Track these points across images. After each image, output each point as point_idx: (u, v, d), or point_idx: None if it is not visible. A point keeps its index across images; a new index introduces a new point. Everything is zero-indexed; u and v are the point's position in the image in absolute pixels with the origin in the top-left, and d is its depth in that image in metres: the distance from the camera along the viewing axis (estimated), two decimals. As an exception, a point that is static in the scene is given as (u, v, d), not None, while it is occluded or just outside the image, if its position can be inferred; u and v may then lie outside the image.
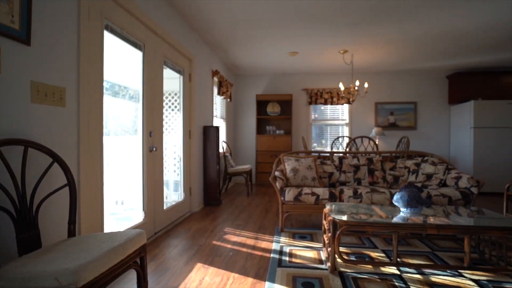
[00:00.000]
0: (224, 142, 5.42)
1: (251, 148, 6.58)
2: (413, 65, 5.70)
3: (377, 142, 6.16)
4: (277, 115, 6.28)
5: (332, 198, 2.95)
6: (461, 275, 2.09)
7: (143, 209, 2.69)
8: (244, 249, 2.61)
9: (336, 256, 2.05)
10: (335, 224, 2.08)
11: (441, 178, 3.19)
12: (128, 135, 2.88)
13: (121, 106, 2.79)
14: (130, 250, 1.33)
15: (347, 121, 6.37)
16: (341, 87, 4.85)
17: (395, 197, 2.25)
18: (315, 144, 6.52)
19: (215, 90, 5.07)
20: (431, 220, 2.02)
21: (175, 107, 3.80)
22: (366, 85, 4.79)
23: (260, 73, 6.45)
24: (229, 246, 2.69)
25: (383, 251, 2.53)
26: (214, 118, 5.08)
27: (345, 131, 6.39)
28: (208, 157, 4.37)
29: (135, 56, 2.69)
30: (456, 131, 5.96)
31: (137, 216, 2.69)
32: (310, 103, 6.29)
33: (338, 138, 5.46)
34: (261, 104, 6.47)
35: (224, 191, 5.46)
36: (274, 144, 6.03)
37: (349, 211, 2.31)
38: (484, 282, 1.99)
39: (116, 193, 3.16)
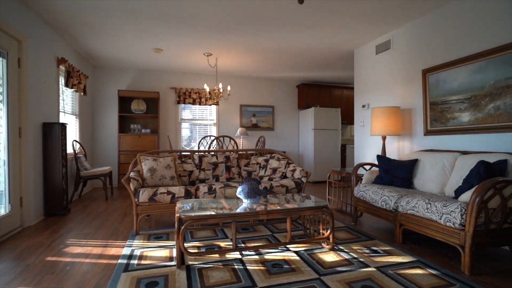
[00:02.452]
0: (76, 141, 4.71)
1: (113, 148, 5.98)
2: (271, 73, 6.52)
3: (241, 141, 6.73)
4: (142, 113, 5.94)
5: (188, 195, 3.03)
6: (288, 250, 2.54)
7: None
8: (88, 260, 2.35)
9: (182, 250, 2.12)
10: (181, 220, 2.15)
11: (282, 171, 3.78)
12: None
13: None
14: None
15: (215, 121, 6.68)
16: (206, 88, 5.04)
17: (238, 190, 2.52)
18: (193, 144, 6.51)
19: (62, 81, 4.35)
20: (263, 207, 2.37)
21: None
22: (228, 88, 5.15)
23: (123, 67, 5.94)
24: (68, 259, 2.37)
25: (232, 240, 2.79)
26: (62, 114, 4.35)
27: (213, 131, 6.68)
28: (51, 159, 3.70)
29: None
30: (303, 132, 7.21)
31: None
32: (179, 102, 6.25)
33: (204, 137, 5.65)
34: (125, 101, 5.97)
35: (76, 198, 4.76)
36: (140, 144, 5.68)
37: (199, 206, 2.44)
38: (302, 251, 2.49)
39: None
